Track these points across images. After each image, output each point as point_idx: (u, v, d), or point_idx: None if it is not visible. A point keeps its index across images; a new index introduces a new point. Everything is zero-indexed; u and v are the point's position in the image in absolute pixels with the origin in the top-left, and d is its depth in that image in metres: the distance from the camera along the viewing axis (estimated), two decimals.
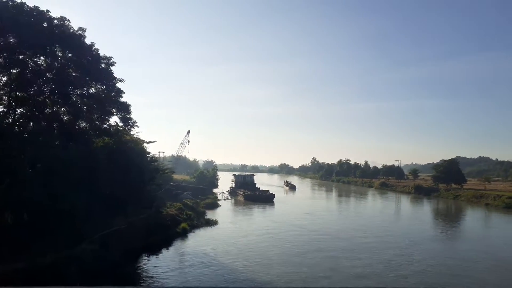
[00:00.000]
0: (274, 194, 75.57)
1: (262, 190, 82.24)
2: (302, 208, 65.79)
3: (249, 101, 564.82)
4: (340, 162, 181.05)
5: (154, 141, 47.84)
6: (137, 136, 43.23)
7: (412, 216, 59.75)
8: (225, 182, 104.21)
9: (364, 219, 52.87)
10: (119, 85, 30.76)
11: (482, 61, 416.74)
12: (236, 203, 71.04)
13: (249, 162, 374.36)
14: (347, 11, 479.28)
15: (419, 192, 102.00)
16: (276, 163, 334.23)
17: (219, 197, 75.74)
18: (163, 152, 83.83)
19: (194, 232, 38.41)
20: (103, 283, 5.17)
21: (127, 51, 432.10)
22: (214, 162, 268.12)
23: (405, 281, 23.47)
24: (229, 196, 79.69)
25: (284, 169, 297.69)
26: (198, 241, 34.78)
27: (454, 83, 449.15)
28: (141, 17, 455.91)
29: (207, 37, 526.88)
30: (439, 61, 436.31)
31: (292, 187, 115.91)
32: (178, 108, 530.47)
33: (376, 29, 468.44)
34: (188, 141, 72.77)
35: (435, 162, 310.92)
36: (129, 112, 31.54)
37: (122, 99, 31.11)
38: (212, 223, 44.33)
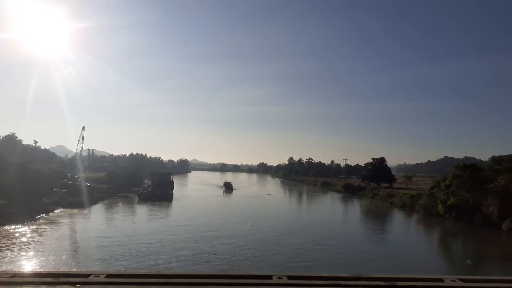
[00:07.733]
0: (172, 193, 73.66)
1: (170, 189, 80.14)
2: (192, 207, 63.62)
3: (235, 100, 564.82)
4: (299, 161, 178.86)
5: None
6: None
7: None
8: (193, 181, 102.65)
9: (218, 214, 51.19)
10: None
11: (476, 63, 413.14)
12: (128, 202, 69.03)
13: (232, 162, 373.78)
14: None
15: (348, 191, 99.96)
16: (257, 162, 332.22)
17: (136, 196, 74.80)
18: (93, 150, 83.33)
19: None
20: None
21: (128, 47, 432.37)
22: (188, 161, 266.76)
23: None
24: (131, 195, 77.80)
25: (262, 169, 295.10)
26: None
27: (445, 84, 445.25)
28: (136, 14, 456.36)
29: (198, 37, 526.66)
30: (434, 62, 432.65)
31: (229, 187, 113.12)
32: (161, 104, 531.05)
33: (370, 29, 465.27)
34: (83, 137, 71.02)
35: (423, 162, 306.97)
36: None
37: None
38: (32, 220, 42.95)
